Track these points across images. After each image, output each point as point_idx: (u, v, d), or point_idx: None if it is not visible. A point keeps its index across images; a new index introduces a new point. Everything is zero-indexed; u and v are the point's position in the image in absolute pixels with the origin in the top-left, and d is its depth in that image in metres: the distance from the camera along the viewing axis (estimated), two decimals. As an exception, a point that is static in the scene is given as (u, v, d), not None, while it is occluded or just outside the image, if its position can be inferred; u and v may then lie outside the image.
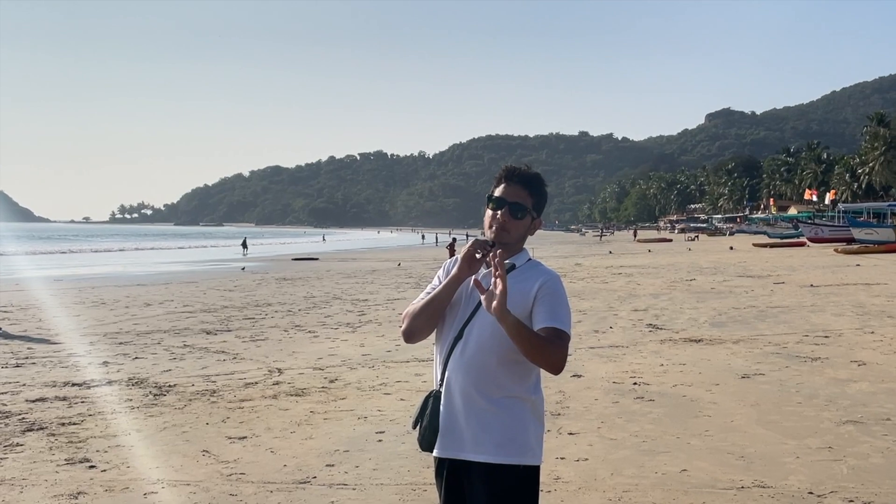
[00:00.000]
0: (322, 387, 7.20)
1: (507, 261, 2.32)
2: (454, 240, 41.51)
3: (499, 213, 2.36)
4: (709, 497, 4.25)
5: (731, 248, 41.97)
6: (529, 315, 2.26)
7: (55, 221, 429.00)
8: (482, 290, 2.14)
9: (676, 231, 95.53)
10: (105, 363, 8.51)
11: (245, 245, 49.91)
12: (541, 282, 2.31)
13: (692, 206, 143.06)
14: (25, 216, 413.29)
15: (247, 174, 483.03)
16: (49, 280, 23.22)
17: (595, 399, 6.55)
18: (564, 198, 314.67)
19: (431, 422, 2.34)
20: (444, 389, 2.34)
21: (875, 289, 16.04)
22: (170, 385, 7.28)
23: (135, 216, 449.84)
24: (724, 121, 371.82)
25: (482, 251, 2.32)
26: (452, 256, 2.50)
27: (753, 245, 44.64)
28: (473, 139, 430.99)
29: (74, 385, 7.30)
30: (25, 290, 18.55)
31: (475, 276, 2.23)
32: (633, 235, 77.57)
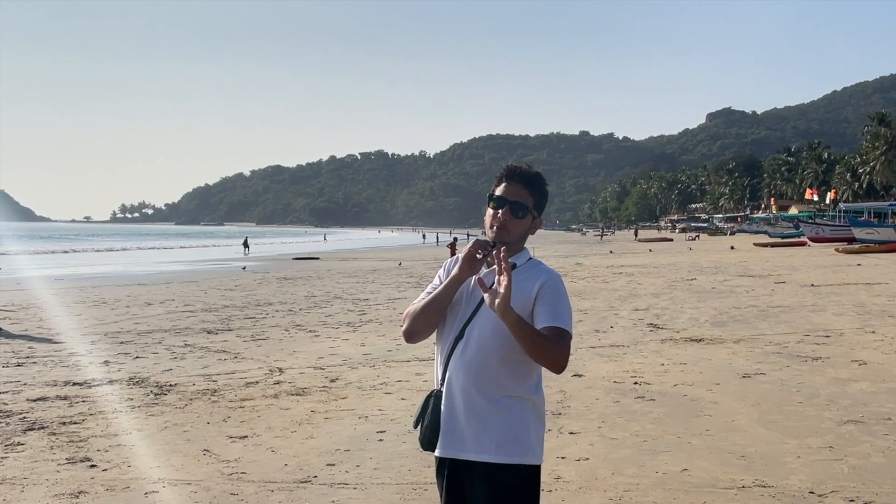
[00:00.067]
0: (323, 386, 7.21)
1: (509, 259, 2.31)
2: (455, 239, 41.50)
3: (500, 212, 2.36)
4: (709, 497, 4.25)
5: (732, 248, 41.96)
6: (530, 314, 2.26)
7: (56, 221, 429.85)
8: (485, 288, 2.14)
9: (677, 231, 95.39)
10: (106, 362, 8.51)
11: (246, 245, 49.95)
12: (542, 281, 2.31)
13: (693, 206, 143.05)
14: (26, 215, 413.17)
15: (248, 174, 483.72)
16: (50, 279, 23.22)
17: (596, 398, 6.55)
18: (565, 197, 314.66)
19: (432, 421, 2.34)
20: (445, 389, 2.34)
21: (876, 288, 16.04)
22: (171, 384, 7.28)
23: (136, 216, 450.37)
24: (725, 120, 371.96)
25: (483, 252, 2.32)
26: (453, 256, 2.50)
27: (754, 244, 44.61)
28: (474, 139, 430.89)
29: (75, 384, 7.30)
30: (26, 290, 18.55)
31: (478, 275, 2.23)
32: (634, 235, 77.50)
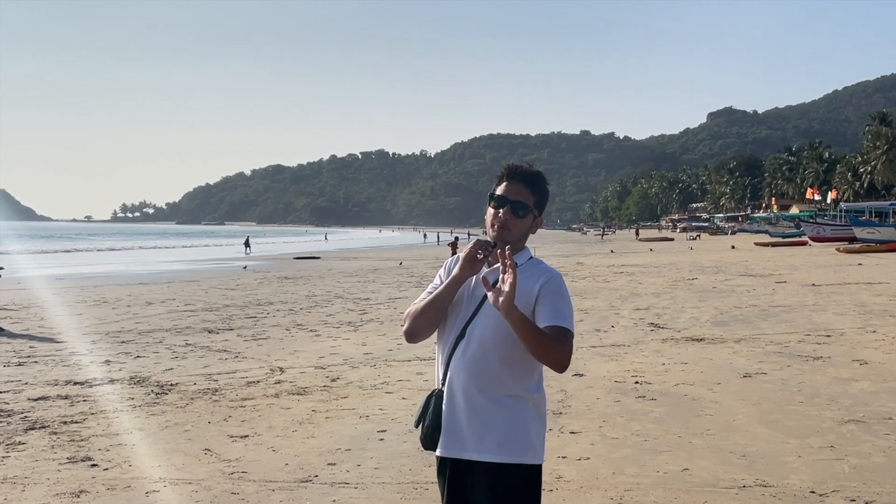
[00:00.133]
0: (324, 386, 7.21)
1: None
2: (456, 238, 41.42)
3: (500, 212, 2.36)
4: (710, 496, 4.25)
5: (733, 248, 41.94)
6: (531, 313, 2.26)
7: (57, 220, 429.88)
8: (488, 287, 2.13)
9: (678, 230, 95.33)
10: (107, 362, 8.52)
11: (248, 244, 49.96)
12: (543, 280, 2.31)
13: (694, 205, 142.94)
14: (27, 215, 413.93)
15: (248, 173, 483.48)
16: (51, 279, 23.24)
17: (597, 398, 6.55)
18: (566, 197, 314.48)
19: (433, 421, 2.34)
20: (447, 388, 2.33)
21: (877, 288, 16.03)
22: (172, 384, 7.29)
23: (136, 215, 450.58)
24: (726, 120, 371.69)
25: (484, 252, 2.32)
26: (455, 255, 2.50)
27: (755, 244, 44.59)
28: (475, 138, 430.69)
29: (76, 384, 7.31)
30: (27, 289, 18.56)
31: (480, 274, 2.23)
32: (636, 234, 77.47)
